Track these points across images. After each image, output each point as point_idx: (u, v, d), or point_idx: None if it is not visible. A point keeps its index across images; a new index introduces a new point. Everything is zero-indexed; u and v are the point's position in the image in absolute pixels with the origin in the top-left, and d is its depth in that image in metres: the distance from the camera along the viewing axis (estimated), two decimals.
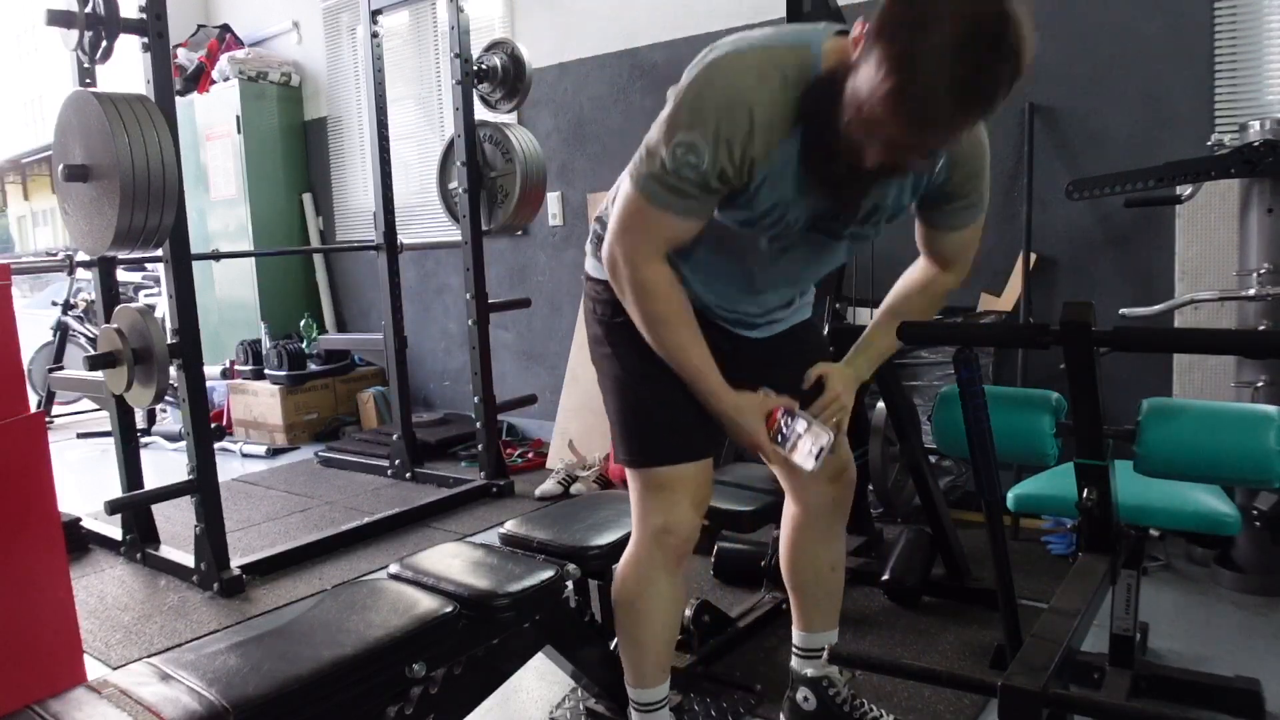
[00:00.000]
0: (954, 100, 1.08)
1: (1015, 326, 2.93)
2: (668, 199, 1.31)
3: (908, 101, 1.09)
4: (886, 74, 1.08)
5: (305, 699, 1.21)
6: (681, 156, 1.26)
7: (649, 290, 1.39)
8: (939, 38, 1.05)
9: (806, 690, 1.76)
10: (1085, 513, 1.51)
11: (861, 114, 1.14)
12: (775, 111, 1.24)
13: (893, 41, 1.08)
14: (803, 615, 1.77)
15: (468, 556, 1.65)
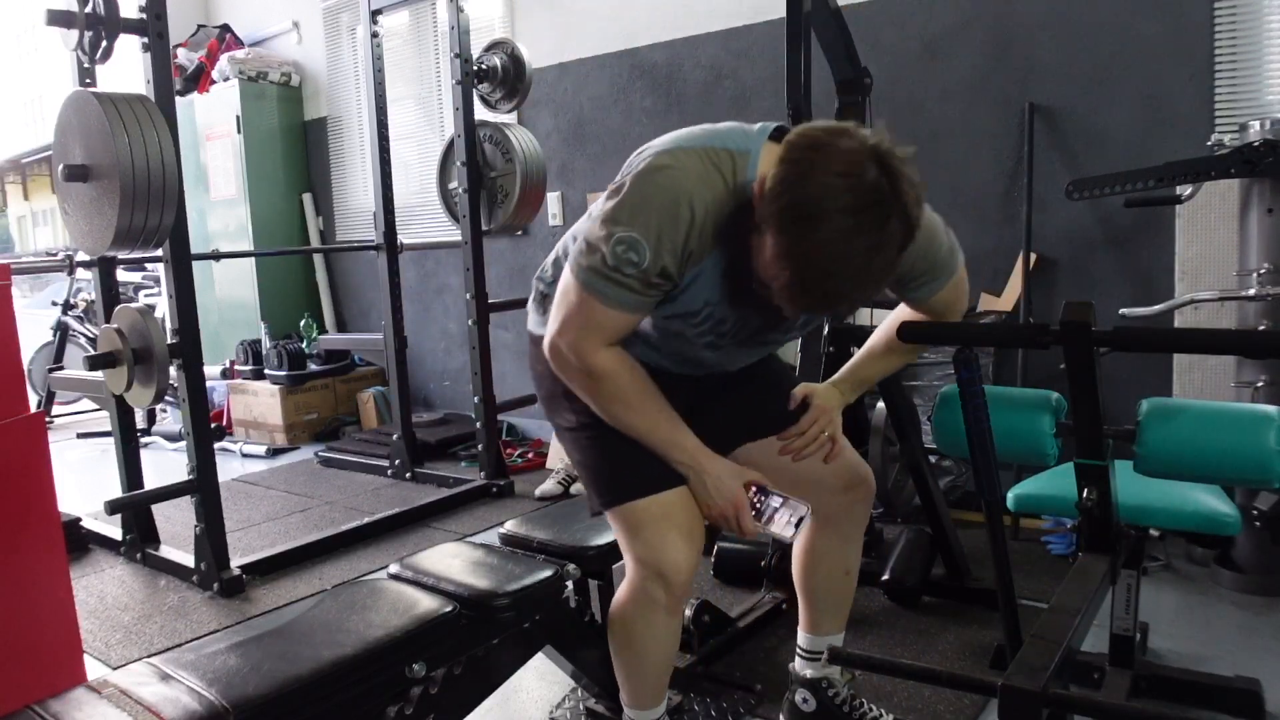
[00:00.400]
0: (852, 283, 1.15)
1: (1015, 326, 2.93)
2: (610, 293, 1.31)
3: (808, 292, 1.16)
4: (783, 265, 1.15)
5: (305, 699, 1.21)
6: (622, 254, 1.27)
7: (601, 377, 1.39)
8: (827, 232, 1.10)
9: (805, 692, 1.76)
10: (1085, 513, 1.51)
11: (764, 275, 1.20)
12: (714, 213, 1.27)
13: (784, 234, 1.13)
14: (810, 618, 1.76)
15: (468, 556, 1.65)
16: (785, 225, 1.14)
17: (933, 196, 3.53)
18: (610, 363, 1.38)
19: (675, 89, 3.82)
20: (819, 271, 1.13)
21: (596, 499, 1.51)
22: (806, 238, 1.12)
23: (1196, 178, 2.40)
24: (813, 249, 1.12)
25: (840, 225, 1.10)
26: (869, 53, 2.63)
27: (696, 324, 1.41)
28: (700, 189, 1.27)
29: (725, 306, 1.39)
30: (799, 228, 1.12)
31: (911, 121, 3.24)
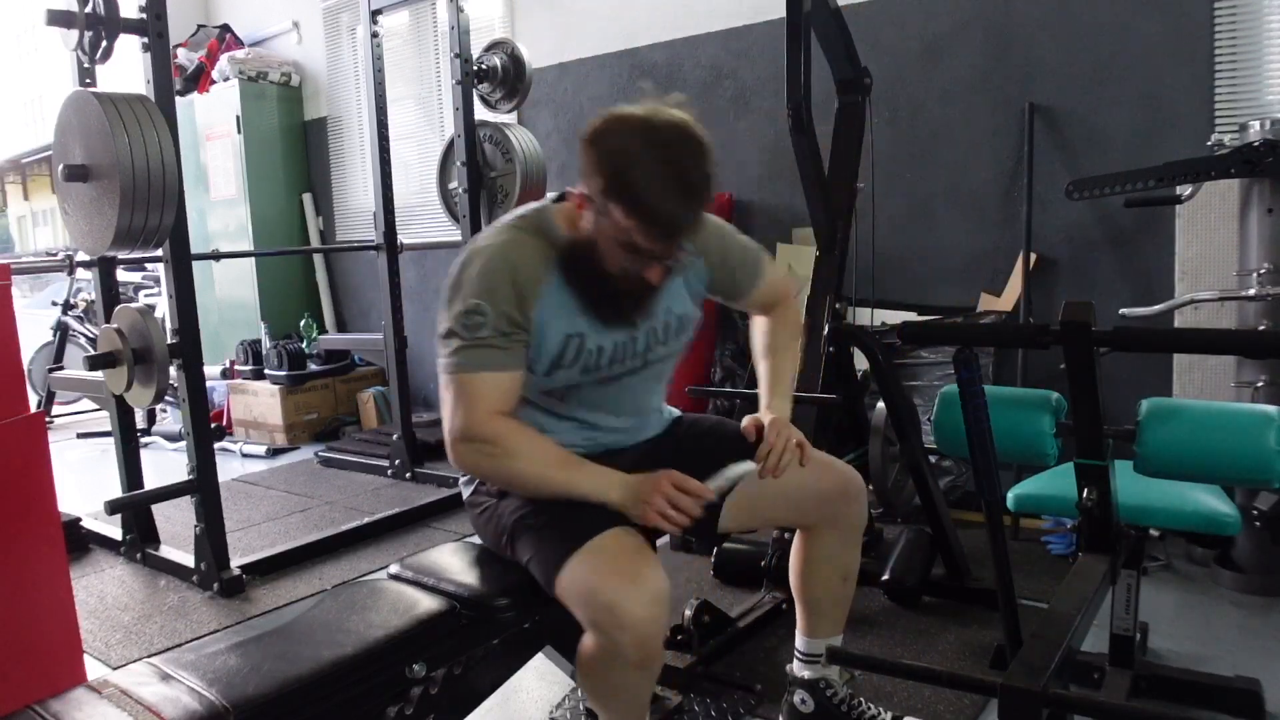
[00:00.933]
0: (682, 194, 1.34)
1: (1015, 326, 2.94)
2: (476, 360, 1.42)
3: (656, 218, 1.34)
4: (627, 215, 1.34)
5: (305, 699, 1.21)
6: (470, 320, 1.41)
7: (495, 440, 1.43)
8: (646, 164, 1.32)
9: (804, 693, 1.75)
10: (1085, 513, 1.51)
11: (621, 247, 1.37)
12: (530, 257, 1.45)
13: (620, 195, 1.34)
14: (808, 622, 1.75)
15: (468, 556, 1.64)
16: (614, 182, 1.34)
17: (933, 196, 3.55)
18: (501, 425, 1.43)
19: (675, 89, 3.79)
20: (655, 195, 1.32)
21: (544, 570, 1.44)
22: (635, 187, 1.32)
23: (1196, 178, 2.40)
24: (641, 179, 1.32)
25: (653, 156, 1.33)
26: (869, 53, 2.63)
27: (576, 364, 1.49)
28: (508, 245, 1.46)
29: (590, 334, 1.48)
30: (625, 185, 1.33)
31: (911, 121, 3.24)
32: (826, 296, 2.40)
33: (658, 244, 1.37)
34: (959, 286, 3.20)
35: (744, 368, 3.20)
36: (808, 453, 1.58)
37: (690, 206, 1.37)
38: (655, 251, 1.38)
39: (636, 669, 1.39)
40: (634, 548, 1.40)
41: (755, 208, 3.67)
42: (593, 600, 1.34)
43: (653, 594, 1.33)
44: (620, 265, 1.40)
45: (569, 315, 1.47)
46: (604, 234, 1.39)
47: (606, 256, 1.41)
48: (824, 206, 2.36)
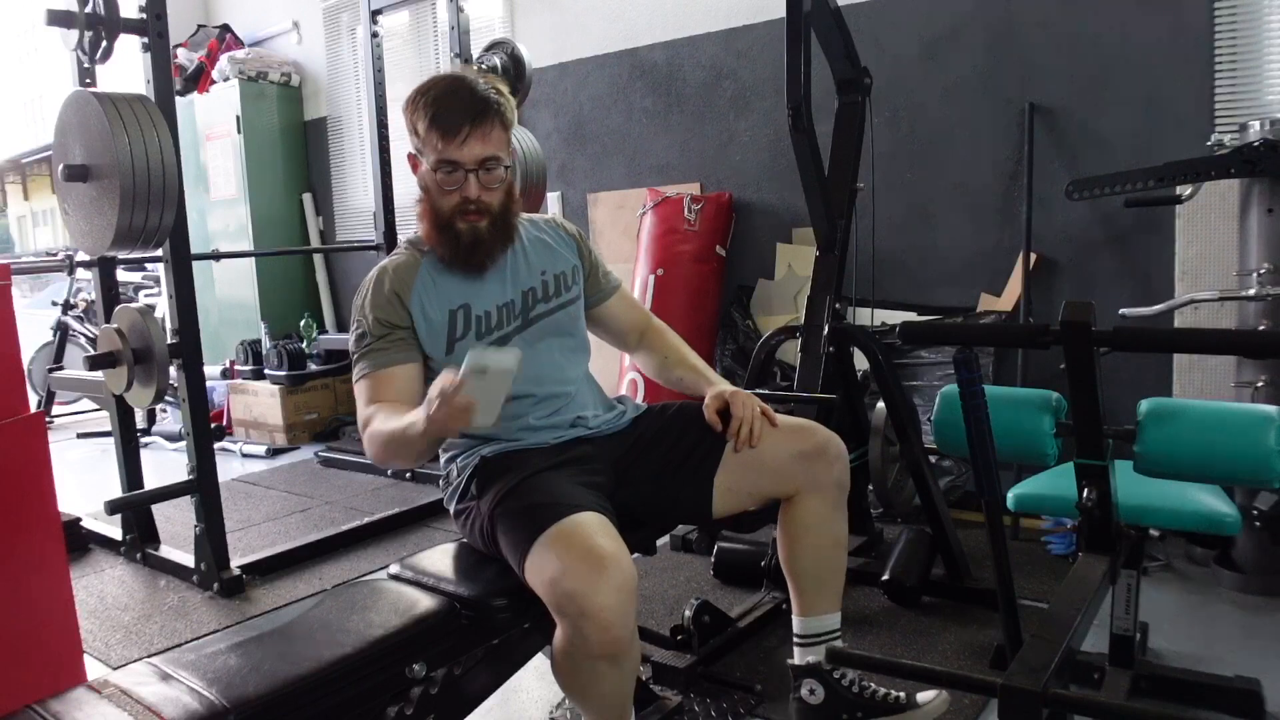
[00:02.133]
0: (461, 104, 1.55)
1: (1015, 326, 2.94)
2: (369, 361, 1.58)
3: (438, 123, 1.54)
4: (424, 127, 1.56)
5: (305, 699, 1.21)
6: (358, 331, 1.61)
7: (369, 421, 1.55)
8: (432, 92, 1.57)
9: (811, 682, 1.70)
10: (1085, 513, 1.51)
11: (436, 171, 1.57)
12: (398, 264, 1.65)
13: (414, 114, 1.58)
14: (803, 600, 1.72)
15: (468, 557, 1.64)
16: (412, 110, 1.58)
17: (933, 196, 3.55)
18: (370, 410, 1.56)
19: (675, 89, 3.82)
20: (437, 96, 1.55)
21: (515, 567, 1.45)
22: (422, 97, 1.57)
23: (1196, 178, 2.40)
24: (428, 92, 1.57)
25: (435, 80, 1.60)
26: (869, 53, 2.63)
27: (469, 333, 1.62)
28: (383, 266, 1.66)
29: (474, 303, 1.63)
30: (416, 100, 1.58)
31: (911, 121, 3.24)
32: (826, 296, 2.40)
33: (452, 136, 1.54)
34: (959, 286, 3.20)
35: (744, 367, 3.20)
36: (773, 416, 1.67)
37: (469, 104, 1.55)
38: (463, 156, 1.55)
39: (606, 662, 1.35)
40: (601, 533, 1.38)
41: (755, 208, 3.67)
42: (555, 588, 1.32)
43: (618, 582, 1.31)
44: (444, 197, 1.58)
45: (445, 295, 1.62)
46: (425, 176, 1.60)
47: (435, 196, 1.59)
48: (824, 206, 2.36)
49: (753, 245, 3.68)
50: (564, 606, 1.32)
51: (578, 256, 1.78)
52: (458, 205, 1.58)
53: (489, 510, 1.54)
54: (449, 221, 1.60)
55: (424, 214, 1.63)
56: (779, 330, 2.71)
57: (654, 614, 2.39)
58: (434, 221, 1.62)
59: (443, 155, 1.56)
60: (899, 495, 2.62)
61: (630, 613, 1.33)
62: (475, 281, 1.64)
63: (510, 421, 1.62)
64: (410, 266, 1.64)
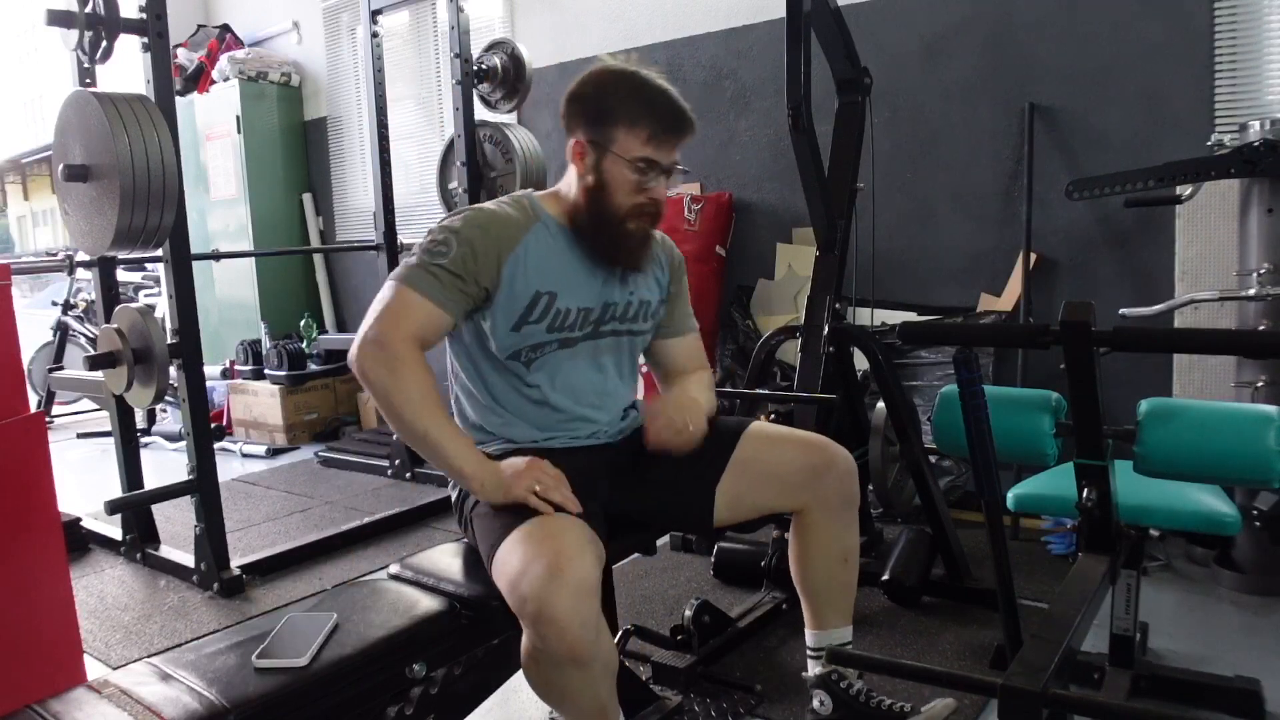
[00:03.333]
0: (680, 106, 1.55)
1: (1015, 326, 2.93)
2: (421, 281, 1.48)
3: (659, 123, 1.52)
4: (634, 124, 1.52)
5: (305, 699, 1.21)
6: (433, 247, 1.50)
7: (401, 365, 1.44)
8: (647, 90, 1.54)
9: (820, 693, 1.72)
10: (1085, 513, 1.51)
11: (629, 168, 1.52)
12: (509, 220, 1.55)
13: (625, 109, 1.52)
14: (815, 614, 1.73)
15: (468, 556, 1.64)
16: (618, 104, 1.52)
17: (933, 196, 3.55)
18: (413, 354, 1.45)
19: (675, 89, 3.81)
20: (656, 97, 1.53)
21: (486, 566, 1.44)
22: (634, 93, 1.53)
23: (1196, 178, 2.40)
24: (642, 90, 1.53)
25: (645, 78, 1.56)
26: (869, 53, 2.63)
27: (543, 320, 1.55)
28: (493, 208, 1.58)
29: (561, 294, 1.56)
30: (625, 95, 1.53)
31: (911, 121, 3.24)
32: (826, 296, 2.40)
33: (668, 139, 1.53)
34: (959, 286, 3.20)
35: (744, 367, 3.20)
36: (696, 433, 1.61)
37: (685, 111, 1.55)
38: (663, 157, 1.53)
39: (570, 665, 1.31)
40: (566, 534, 1.35)
41: (755, 208, 3.67)
42: (514, 591, 1.31)
43: (575, 586, 1.26)
44: (628, 194, 1.54)
45: (542, 274, 1.55)
46: (608, 168, 1.53)
47: (614, 191, 1.54)
48: (824, 206, 2.36)
49: (753, 245, 3.68)
50: (521, 610, 1.30)
51: (666, 289, 1.74)
52: (638, 205, 1.55)
53: (470, 511, 1.54)
54: (622, 219, 1.55)
55: (585, 201, 1.56)
56: (779, 330, 2.71)
57: (654, 614, 2.39)
58: (602, 214, 1.55)
59: (646, 154, 1.52)
60: (899, 495, 2.62)
61: (589, 613, 1.28)
62: (582, 273, 1.59)
63: (532, 427, 1.61)
64: (518, 229, 1.55)
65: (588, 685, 1.36)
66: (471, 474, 1.45)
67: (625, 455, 1.68)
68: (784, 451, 1.66)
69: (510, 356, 1.57)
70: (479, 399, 1.63)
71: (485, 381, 1.62)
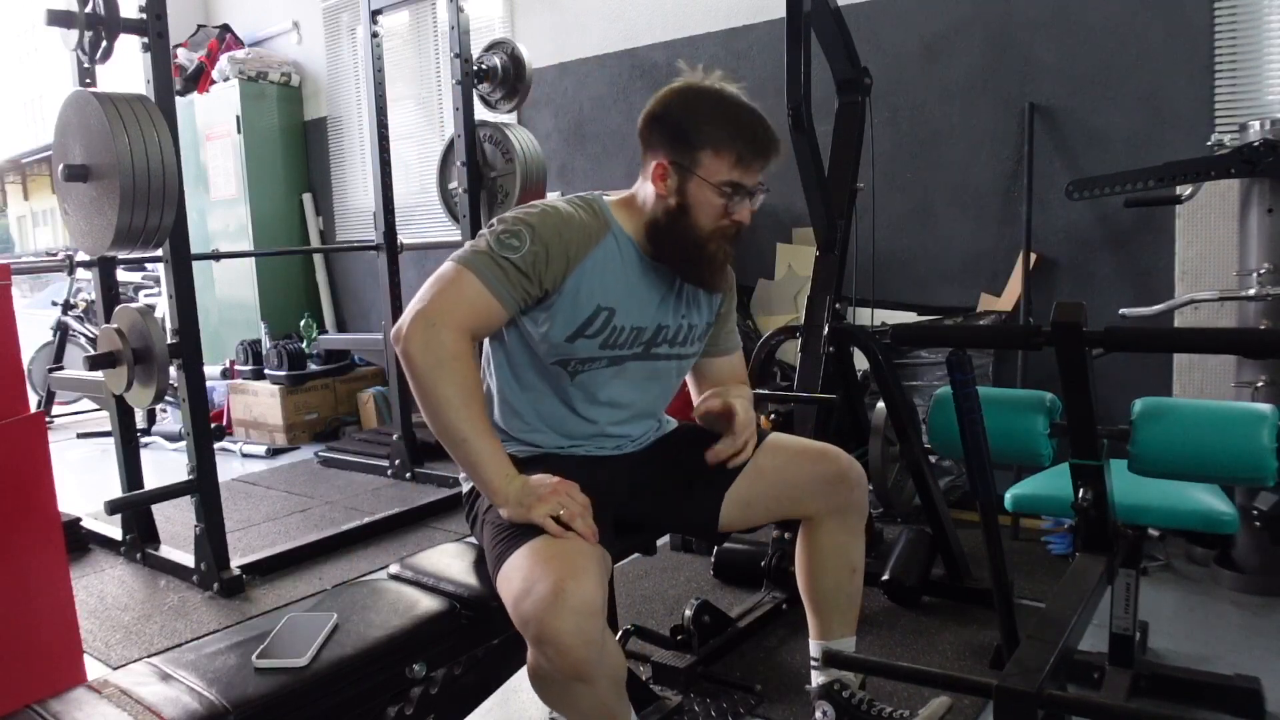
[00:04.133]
0: (767, 127, 1.53)
1: (1007, 328, 2.94)
2: (486, 270, 1.43)
3: (748, 147, 1.50)
4: (721, 148, 1.48)
5: (305, 699, 1.21)
6: (505, 238, 1.45)
7: (449, 357, 1.39)
8: (734, 114, 1.52)
9: (823, 704, 1.72)
10: (1081, 512, 1.52)
11: (714, 192, 1.49)
12: (584, 227, 1.50)
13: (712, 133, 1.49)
14: (820, 624, 1.73)
15: (468, 556, 1.64)
16: (703, 127, 1.49)
17: (933, 196, 3.54)
18: (464, 346, 1.41)
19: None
20: (745, 120, 1.51)
21: (491, 576, 1.42)
22: (719, 117, 1.50)
23: (1196, 178, 2.40)
24: (728, 114, 1.52)
25: (730, 99, 1.55)
26: (869, 53, 2.63)
27: (598, 336, 1.52)
28: (570, 210, 1.52)
29: (620, 311, 1.53)
30: (710, 118, 1.50)
31: (911, 121, 3.24)
32: (826, 296, 2.40)
33: (755, 163, 1.51)
34: (959, 286, 3.20)
35: None
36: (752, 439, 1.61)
37: (774, 136, 1.53)
38: (749, 180, 1.51)
39: (577, 683, 1.30)
40: (570, 551, 1.33)
41: None
42: (517, 610, 1.29)
43: (577, 606, 1.24)
44: (712, 218, 1.51)
45: (605, 289, 1.51)
46: (693, 191, 1.50)
47: (698, 215, 1.51)
48: (824, 206, 2.36)
49: (753, 245, 3.67)
50: (524, 630, 1.29)
51: (717, 312, 1.70)
52: (722, 229, 1.53)
53: (483, 513, 1.52)
54: (704, 241, 1.52)
55: (666, 222, 1.52)
56: (779, 330, 2.71)
57: (654, 614, 2.39)
58: (685, 237, 1.51)
59: (734, 178, 1.49)
60: (899, 495, 2.62)
61: (592, 634, 1.26)
62: (646, 277, 1.56)
63: (559, 435, 1.60)
64: (591, 239, 1.51)
65: (594, 698, 1.36)
66: (498, 489, 1.41)
67: (644, 463, 1.66)
68: (798, 461, 1.65)
69: (556, 363, 1.54)
70: (509, 400, 1.60)
71: (520, 382, 1.58)
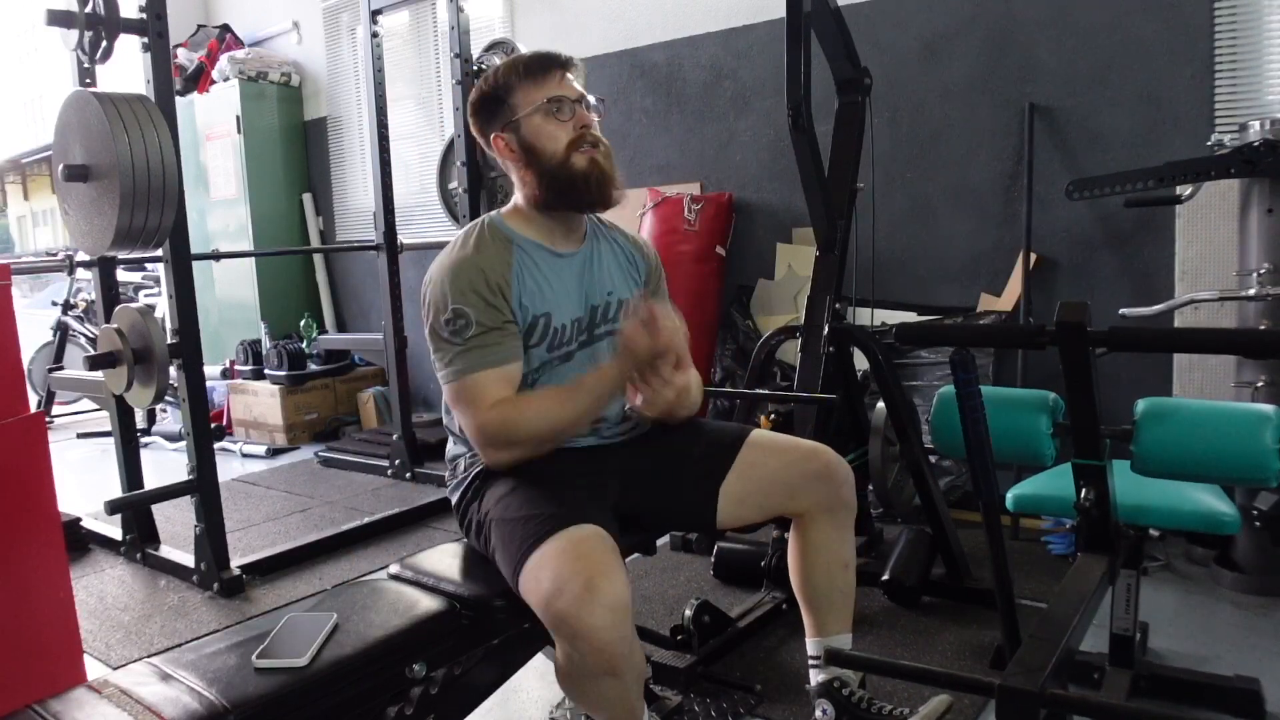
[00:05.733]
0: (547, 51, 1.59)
1: (1011, 327, 2.94)
2: (471, 361, 1.49)
3: (538, 65, 1.57)
4: (520, 81, 1.56)
5: (305, 699, 1.21)
6: (454, 325, 1.50)
7: (507, 423, 1.49)
8: (514, 58, 1.61)
9: (823, 702, 1.72)
10: (1083, 512, 1.52)
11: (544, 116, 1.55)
12: (493, 256, 1.55)
13: (507, 79, 1.58)
14: (815, 621, 1.74)
15: (468, 556, 1.64)
16: (498, 81, 1.58)
17: (933, 196, 3.54)
18: (500, 410, 1.49)
19: (675, 89, 3.82)
20: (526, 55, 1.59)
21: (509, 580, 1.44)
22: (505, 66, 1.59)
23: (1196, 178, 2.40)
24: (509, 61, 1.60)
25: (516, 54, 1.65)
26: (869, 53, 2.63)
27: (543, 342, 1.57)
28: (470, 253, 1.55)
29: (555, 313, 1.58)
30: (500, 70, 1.59)
31: (911, 121, 3.24)
32: (826, 296, 2.40)
33: (549, 74, 1.56)
34: (959, 286, 3.20)
35: (744, 367, 3.20)
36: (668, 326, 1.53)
37: (553, 54, 1.58)
38: (562, 90, 1.56)
39: (606, 677, 1.34)
40: (595, 549, 1.36)
41: (755, 208, 3.67)
42: (548, 609, 1.31)
43: (609, 601, 1.28)
44: (554, 138, 1.55)
45: (535, 297, 1.56)
46: (527, 134, 1.56)
47: (543, 143, 1.55)
48: (824, 206, 2.36)
49: (753, 245, 3.68)
50: (558, 628, 1.32)
51: (643, 283, 1.73)
52: (571, 142, 1.55)
53: (487, 515, 1.53)
54: (564, 159, 1.55)
55: (533, 177, 1.57)
56: (779, 330, 2.71)
57: (654, 614, 2.39)
58: (547, 172, 1.55)
59: (546, 95, 1.55)
60: (899, 495, 2.62)
61: (625, 629, 1.31)
62: (561, 273, 1.60)
63: None
64: (505, 261, 1.55)
65: (622, 693, 1.39)
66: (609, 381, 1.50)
67: (632, 458, 1.69)
68: (785, 457, 1.68)
69: None
70: None
71: None
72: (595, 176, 1.56)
